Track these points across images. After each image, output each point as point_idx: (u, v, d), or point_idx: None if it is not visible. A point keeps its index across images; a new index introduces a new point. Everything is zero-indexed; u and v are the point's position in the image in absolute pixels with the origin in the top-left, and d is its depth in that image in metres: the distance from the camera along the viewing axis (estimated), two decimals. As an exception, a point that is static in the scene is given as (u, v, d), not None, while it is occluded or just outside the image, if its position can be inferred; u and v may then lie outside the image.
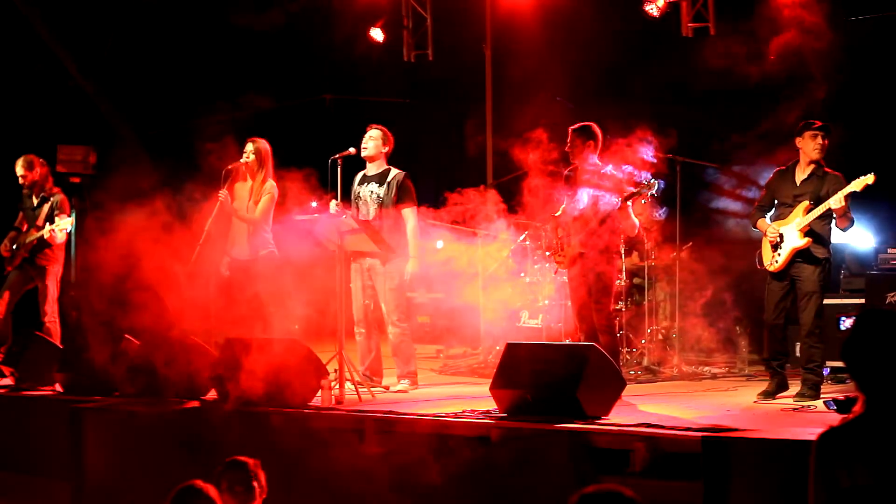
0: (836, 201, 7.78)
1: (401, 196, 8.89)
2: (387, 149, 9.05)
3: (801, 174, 8.12)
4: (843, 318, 9.44)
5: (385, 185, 8.93)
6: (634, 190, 8.22)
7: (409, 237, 8.88)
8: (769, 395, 8.04)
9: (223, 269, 9.33)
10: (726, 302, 10.61)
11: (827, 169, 8.05)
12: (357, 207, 8.99)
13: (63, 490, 8.33)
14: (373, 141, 9.00)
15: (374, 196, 8.95)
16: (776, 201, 8.27)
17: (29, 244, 10.54)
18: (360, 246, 8.80)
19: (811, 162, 8.06)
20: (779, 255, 8.06)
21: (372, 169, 9.06)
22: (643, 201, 8.42)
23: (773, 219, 8.21)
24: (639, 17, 10.70)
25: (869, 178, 7.70)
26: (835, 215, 7.88)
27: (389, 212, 8.91)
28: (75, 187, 11.91)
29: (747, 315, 10.52)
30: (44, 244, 10.51)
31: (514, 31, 12.10)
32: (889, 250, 9.68)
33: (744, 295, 10.71)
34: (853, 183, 7.75)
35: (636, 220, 8.40)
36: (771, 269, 8.12)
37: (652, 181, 8.25)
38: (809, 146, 8.04)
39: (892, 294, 9.09)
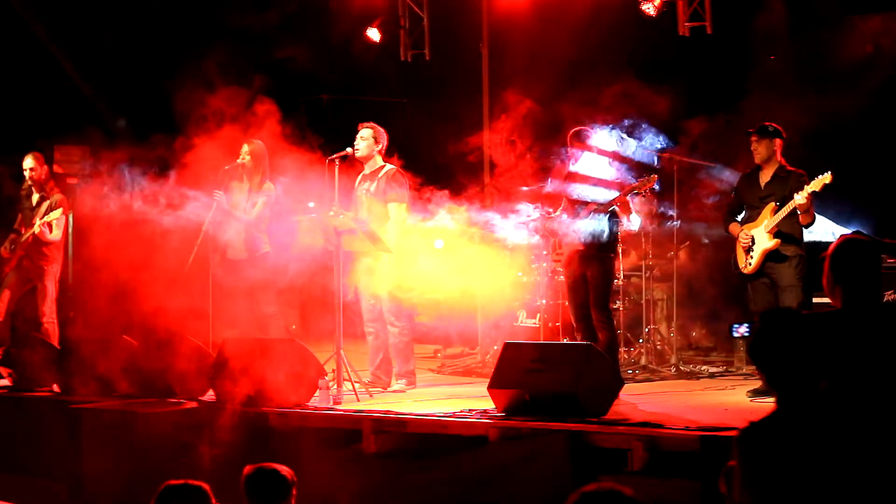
0: (799, 199, 7.92)
1: (388, 191, 8.86)
2: (380, 146, 9.01)
3: (764, 176, 8.27)
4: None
5: (375, 182, 8.93)
6: (635, 184, 8.26)
7: (388, 231, 8.81)
8: (761, 393, 8.04)
9: (214, 267, 9.34)
10: (724, 301, 10.61)
11: (790, 168, 8.19)
12: (357, 207, 8.98)
13: (61, 491, 8.32)
14: (364, 141, 8.95)
15: (367, 194, 8.95)
16: (744, 205, 8.40)
17: (25, 243, 10.52)
18: (358, 246, 8.80)
19: (765, 164, 8.21)
20: (751, 258, 8.18)
21: (368, 167, 9.04)
22: (642, 197, 8.45)
23: (744, 221, 8.35)
24: (636, 16, 10.72)
25: (826, 178, 7.87)
26: (798, 212, 8.00)
27: (377, 208, 8.89)
28: (71, 188, 11.91)
29: (745, 314, 10.51)
30: (40, 244, 10.49)
31: (511, 31, 12.09)
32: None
33: (741, 294, 10.71)
34: (812, 183, 7.92)
35: (638, 217, 8.42)
36: (745, 272, 8.26)
37: (652, 176, 8.30)
38: (755, 152, 8.23)
39: (889, 292, 9.11)
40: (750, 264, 8.20)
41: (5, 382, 9.67)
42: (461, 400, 8.05)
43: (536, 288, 10.65)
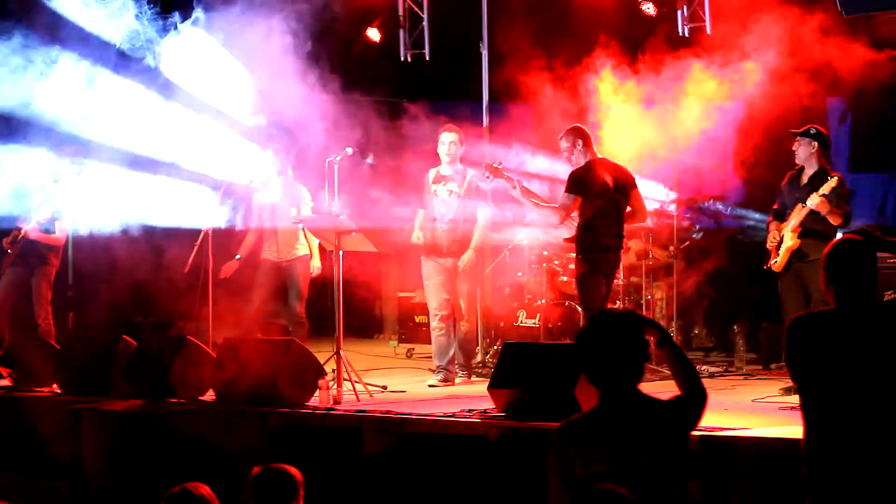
0: (812, 202, 8.01)
1: (478, 193, 9.28)
2: (462, 149, 9.40)
3: (804, 178, 8.33)
4: None
5: (465, 185, 9.25)
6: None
7: (476, 229, 9.26)
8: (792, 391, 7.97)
9: (261, 273, 9.55)
10: (724, 301, 10.62)
11: (832, 172, 8.21)
12: (434, 205, 9.30)
13: (62, 491, 8.32)
14: (454, 145, 9.32)
15: (454, 195, 9.25)
16: (786, 204, 8.44)
17: (20, 243, 10.47)
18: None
19: (808, 166, 8.27)
20: (778, 255, 8.26)
21: (448, 169, 9.37)
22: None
23: (783, 221, 8.37)
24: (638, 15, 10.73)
25: (833, 182, 7.99)
26: (822, 213, 8.03)
27: (466, 210, 9.26)
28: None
29: (745, 314, 10.52)
30: (37, 244, 10.44)
31: (511, 30, 12.08)
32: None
33: (741, 294, 10.73)
34: (823, 186, 8.00)
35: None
36: (774, 269, 8.31)
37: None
38: (796, 153, 8.29)
39: (889, 292, 9.14)
40: (776, 262, 8.26)
41: (5, 382, 9.67)
42: (461, 400, 8.05)
43: (536, 288, 10.66)
